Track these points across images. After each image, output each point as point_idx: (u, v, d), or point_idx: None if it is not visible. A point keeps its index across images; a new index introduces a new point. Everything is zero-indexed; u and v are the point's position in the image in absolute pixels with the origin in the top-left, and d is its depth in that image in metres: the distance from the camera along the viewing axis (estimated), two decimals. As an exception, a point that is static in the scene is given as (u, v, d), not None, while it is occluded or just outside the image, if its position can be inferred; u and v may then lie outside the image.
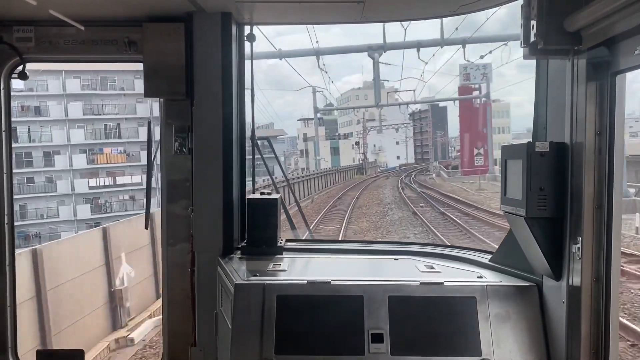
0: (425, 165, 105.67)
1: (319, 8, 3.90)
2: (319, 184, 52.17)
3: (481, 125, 69.00)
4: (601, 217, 2.62)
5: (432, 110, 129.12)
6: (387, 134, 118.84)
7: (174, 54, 3.92)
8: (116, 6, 3.85)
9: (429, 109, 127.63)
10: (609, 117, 2.57)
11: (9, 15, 3.97)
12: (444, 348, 3.06)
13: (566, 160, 2.73)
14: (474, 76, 67.25)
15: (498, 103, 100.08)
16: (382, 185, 58.20)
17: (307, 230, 9.64)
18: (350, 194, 46.42)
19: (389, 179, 71.17)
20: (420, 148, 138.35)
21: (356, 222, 29.48)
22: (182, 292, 4.08)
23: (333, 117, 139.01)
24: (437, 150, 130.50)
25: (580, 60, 2.62)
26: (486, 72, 66.47)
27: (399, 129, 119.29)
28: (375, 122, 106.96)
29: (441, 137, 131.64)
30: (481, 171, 59.99)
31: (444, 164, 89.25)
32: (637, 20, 2.23)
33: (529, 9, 2.67)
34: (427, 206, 35.06)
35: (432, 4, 3.84)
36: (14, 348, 4.28)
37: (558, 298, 2.90)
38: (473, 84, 70.60)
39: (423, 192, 44.20)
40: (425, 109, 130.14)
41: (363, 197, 43.74)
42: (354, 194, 45.16)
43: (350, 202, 38.43)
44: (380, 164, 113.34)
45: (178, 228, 4.12)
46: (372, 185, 59.22)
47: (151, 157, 4.24)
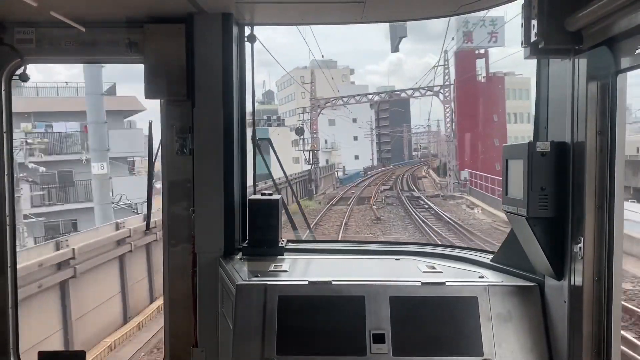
0: (393, 168, 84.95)
1: (319, 8, 3.91)
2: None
3: (491, 110, 47.01)
4: (602, 216, 2.62)
5: (391, 103, 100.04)
6: (341, 125, 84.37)
7: (174, 55, 3.92)
8: (117, 7, 3.85)
9: (388, 100, 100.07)
10: (610, 116, 2.57)
11: (9, 17, 3.97)
12: (446, 348, 3.06)
13: (567, 160, 2.72)
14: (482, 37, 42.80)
15: (513, 77, 67.95)
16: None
17: (308, 230, 9.64)
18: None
19: (365, 203, 39.24)
20: (386, 145, 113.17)
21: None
22: (183, 293, 4.08)
23: (272, 106, 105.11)
24: (403, 149, 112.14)
25: (581, 60, 2.62)
26: (496, 30, 46.31)
27: (357, 118, 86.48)
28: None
29: (405, 132, 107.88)
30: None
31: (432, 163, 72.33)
32: (637, 19, 2.23)
33: (529, 8, 2.67)
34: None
35: (432, 4, 3.84)
36: (16, 349, 4.29)
37: (560, 298, 2.89)
38: (477, 48, 48.61)
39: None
40: (385, 100, 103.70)
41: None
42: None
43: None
44: (337, 168, 75.10)
45: (179, 229, 4.12)
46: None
47: (152, 158, 4.25)
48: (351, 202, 39.62)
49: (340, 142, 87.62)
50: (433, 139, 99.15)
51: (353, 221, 31.79)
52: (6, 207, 4.23)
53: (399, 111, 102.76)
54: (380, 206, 37.86)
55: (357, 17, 3.92)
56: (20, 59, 4.09)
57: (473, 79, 47.19)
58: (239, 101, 4.15)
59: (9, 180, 4.25)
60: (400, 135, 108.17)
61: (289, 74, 71.50)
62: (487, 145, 47.51)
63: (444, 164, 52.40)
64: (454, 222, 29.23)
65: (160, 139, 4.14)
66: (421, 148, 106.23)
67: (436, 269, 3.59)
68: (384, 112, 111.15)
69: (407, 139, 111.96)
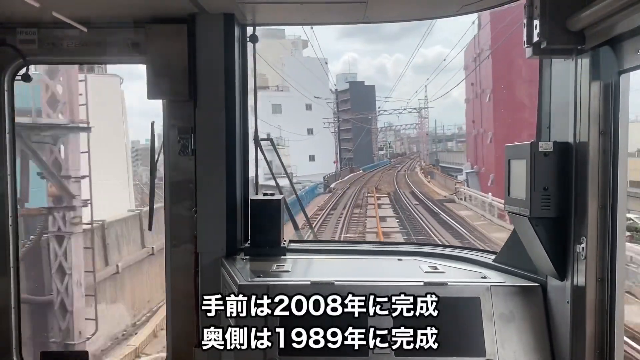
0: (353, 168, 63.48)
1: (321, 9, 3.91)
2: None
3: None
4: (605, 217, 2.61)
5: (353, 89, 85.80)
6: (290, 112, 60.18)
7: (177, 56, 3.92)
8: (119, 8, 3.85)
9: (349, 88, 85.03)
10: (613, 116, 2.56)
11: (12, 17, 3.98)
12: (448, 348, 3.06)
13: (570, 160, 2.72)
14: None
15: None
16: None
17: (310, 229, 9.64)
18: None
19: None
20: (347, 143, 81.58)
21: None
22: (185, 293, 4.08)
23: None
24: (372, 146, 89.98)
25: (583, 60, 2.61)
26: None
27: (312, 105, 62.63)
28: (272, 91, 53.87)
29: (374, 126, 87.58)
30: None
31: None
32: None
33: (532, 8, 2.66)
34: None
35: (434, 4, 3.84)
36: (19, 349, 4.29)
37: (562, 298, 2.89)
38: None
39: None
40: (344, 89, 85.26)
41: None
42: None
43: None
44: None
45: (181, 229, 4.12)
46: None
47: (154, 158, 4.25)
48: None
49: (288, 138, 55.67)
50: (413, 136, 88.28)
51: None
52: (9, 207, 4.24)
53: (364, 99, 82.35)
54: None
55: (359, 17, 3.92)
56: (22, 59, 4.09)
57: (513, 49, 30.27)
58: (241, 101, 4.15)
59: (12, 180, 4.26)
60: (368, 128, 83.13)
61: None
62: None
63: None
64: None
65: (162, 140, 4.14)
66: (389, 145, 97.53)
67: (438, 269, 3.59)
68: (344, 102, 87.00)
69: (376, 135, 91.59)
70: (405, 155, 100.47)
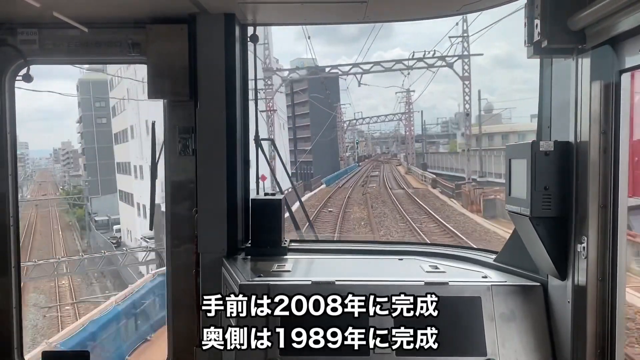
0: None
1: (321, 8, 3.91)
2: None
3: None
4: (606, 216, 2.61)
5: (312, 82, 63.48)
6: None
7: (177, 56, 3.92)
8: (119, 8, 3.86)
9: (307, 79, 59.42)
10: (613, 116, 2.56)
11: (13, 18, 3.98)
12: (449, 348, 3.05)
13: (571, 160, 2.72)
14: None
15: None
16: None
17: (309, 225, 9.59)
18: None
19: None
20: (305, 143, 66.59)
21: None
22: (186, 293, 4.08)
23: (98, 76, 64.26)
24: (337, 148, 73.41)
25: (584, 59, 2.61)
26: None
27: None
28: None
29: (340, 129, 70.99)
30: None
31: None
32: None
33: (532, 8, 2.66)
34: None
35: (435, 4, 3.84)
36: (20, 349, 4.30)
37: (563, 298, 2.89)
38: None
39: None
40: (300, 79, 59.27)
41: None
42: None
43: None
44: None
45: (182, 229, 4.12)
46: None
47: (155, 158, 4.25)
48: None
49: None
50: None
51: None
52: (10, 208, 4.24)
53: (326, 93, 59.77)
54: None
55: (360, 17, 3.92)
56: (23, 59, 4.09)
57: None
58: (242, 101, 4.15)
59: (13, 180, 4.26)
60: (334, 128, 67.23)
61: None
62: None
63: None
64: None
65: (163, 140, 4.14)
66: (356, 146, 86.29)
67: (439, 268, 3.59)
68: (301, 93, 70.53)
69: (341, 136, 76.28)
70: (372, 158, 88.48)
